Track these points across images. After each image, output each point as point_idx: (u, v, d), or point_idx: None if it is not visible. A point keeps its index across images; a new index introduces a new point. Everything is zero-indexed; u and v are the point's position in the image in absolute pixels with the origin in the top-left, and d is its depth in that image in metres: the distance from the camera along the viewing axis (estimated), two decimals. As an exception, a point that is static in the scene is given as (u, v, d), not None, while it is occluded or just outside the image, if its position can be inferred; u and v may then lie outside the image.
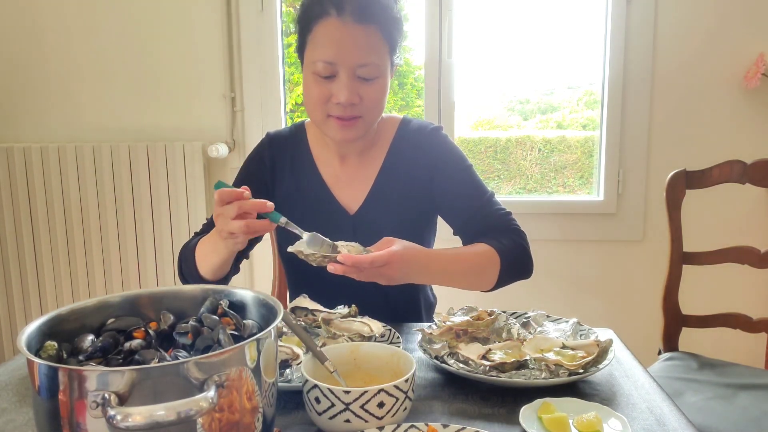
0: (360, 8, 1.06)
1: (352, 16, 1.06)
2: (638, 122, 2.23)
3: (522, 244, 1.17)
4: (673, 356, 1.59)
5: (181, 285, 0.79)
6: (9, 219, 2.39)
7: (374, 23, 1.07)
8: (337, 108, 1.10)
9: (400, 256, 0.98)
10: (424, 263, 1.05)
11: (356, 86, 1.09)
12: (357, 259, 0.92)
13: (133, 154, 2.29)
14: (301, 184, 1.25)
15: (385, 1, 1.10)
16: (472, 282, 1.13)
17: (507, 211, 1.21)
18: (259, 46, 2.31)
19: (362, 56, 1.07)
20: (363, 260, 0.93)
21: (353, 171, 1.24)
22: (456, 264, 1.10)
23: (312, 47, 1.10)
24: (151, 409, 0.52)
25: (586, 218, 2.30)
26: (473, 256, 1.12)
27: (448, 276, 1.10)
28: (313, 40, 1.10)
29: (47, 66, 2.39)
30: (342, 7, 1.06)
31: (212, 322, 0.71)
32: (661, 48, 2.19)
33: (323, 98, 1.10)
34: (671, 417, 0.81)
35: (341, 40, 1.07)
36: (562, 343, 0.96)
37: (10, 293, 2.45)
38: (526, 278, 1.19)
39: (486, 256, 1.12)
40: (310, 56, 1.10)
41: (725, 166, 1.57)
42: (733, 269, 1.64)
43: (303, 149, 1.27)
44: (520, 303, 2.24)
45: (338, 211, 1.23)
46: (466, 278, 1.12)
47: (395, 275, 0.99)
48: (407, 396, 0.76)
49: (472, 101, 2.49)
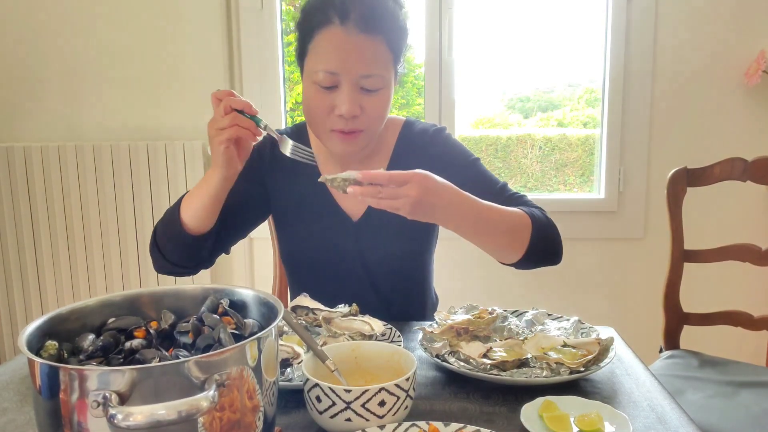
0: (365, 17, 1.02)
1: (357, 26, 1.02)
2: (639, 120, 2.23)
3: (551, 220, 1.10)
4: (674, 354, 1.59)
5: (182, 284, 0.79)
6: (9, 218, 2.39)
7: (380, 33, 1.04)
8: (339, 121, 1.06)
9: (423, 176, 0.89)
10: (454, 197, 0.94)
11: (359, 98, 1.05)
12: (374, 174, 0.87)
13: (133, 153, 2.28)
14: (303, 189, 1.22)
15: (391, 9, 1.06)
16: (504, 239, 1.02)
17: (522, 194, 1.15)
18: (259, 45, 2.31)
19: (366, 67, 1.04)
20: (381, 175, 0.87)
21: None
22: (490, 212, 0.99)
23: (313, 56, 1.06)
24: (152, 409, 0.52)
25: (587, 216, 2.30)
26: (506, 211, 1.03)
27: (481, 224, 0.99)
28: (315, 49, 1.05)
29: (47, 66, 2.39)
30: (346, 16, 1.02)
31: (213, 321, 0.71)
32: (662, 45, 2.19)
33: (325, 110, 1.06)
34: (672, 415, 0.81)
35: (344, 50, 1.02)
36: (564, 341, 0.96)
37: (10, 293, 2.45)
38: (555, 261, 1.11)
39: (518, 215, 1.04)
40: (311, 65, 1.06)
41: (726, 163, 1.57)
42: (734, 267, 1.64)
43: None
44: (521, 301, 2.24)
45: (341, 218, 1.21)
46: (499, 231, 1.01)
47: (420, 198, 0.88)
48: (408, 395, 0.76)
49: (473, 99, 2.49)
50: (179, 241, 1.07)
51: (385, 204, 0.89)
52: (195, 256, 1.11)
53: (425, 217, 0.92)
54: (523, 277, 2.33)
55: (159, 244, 1.11)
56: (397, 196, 0.88)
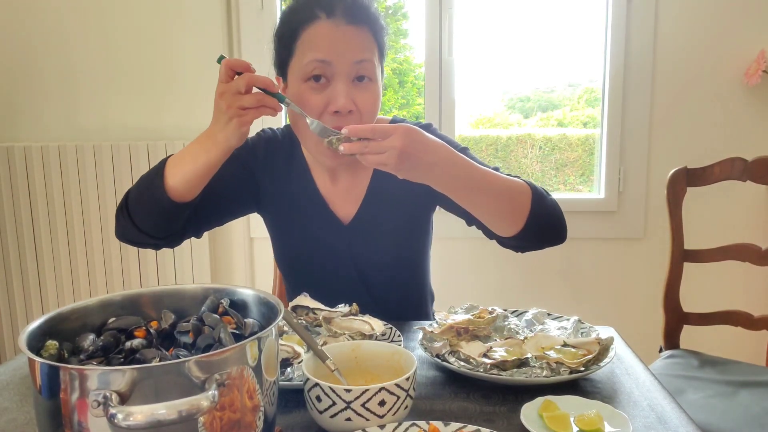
0: (350, 10, 1.03)
1: (344, 18, 1.03)
2: (639, 120, 2.23)
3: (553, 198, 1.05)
4: (674, 354, 1.59)
5: (183, 284, 0.79)
6: (10, 218, 2.39)
7: (366, 24, 1.05)
8: (333, 120, 1.03)
9: (408, 128, 0.87)
10: (445, 154, 0.91)
11: (352, 92, 1.04)
12: (359, 128, 0.87)
13: (133, 153, 2.28)
14: (294, 190, 1.22)
15: (373, 6, 1.08)
16: (501, 204, 0.98)
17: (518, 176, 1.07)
18: (259, 46, 2.31)
19: (358, 53, 1.03)
20: (364, 128, 0.87)
21: (346, 181, 1.21)
22: (486, 174, 0.96)
23: (301, 53, 1.04)
24: (152, 408, 0.52)
25: (587, 216, 2.30)
26: (503, 176, 0.99)
27: (474, 184, 0.94)
28: (303, 45, 1.04)
29: (47, 66, 2.39)
30: (332, 10, 1.03)
31: (213, 320, 0.71)
32: (662, 45, 2.19)
33: (318, 110, 1.03)
34: (672, 415, 0.81)
35: (335, 39, 1.03)
36: (564, 341, 0.96)
37: (11, 292, 2.45)
38: (560, 237, 1.06)
39: (516, 182, 1.00)
40: (300, 61, 1.04)
41: (726, 163, 1.57)
42: (734, 267, 1.64)
43: (296, 154, 1.23)
44: (521, 301, 2.24)
45: (332, 221, 1.21)
46: (495, 194, 0.97)
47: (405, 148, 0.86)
48: (408, 394, 0.76)
49: (473, 99, 2.49)
50: (157, 206, 1.02)
51: (373, 159, 0.87)
52: (167, 226, 1.06)
53: (414, 172, 0.90)
54: (523, 277, 2.33)
55: (130, 208, 1.06)
56: (383, 149, 0.86)
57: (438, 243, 1.31)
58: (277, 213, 1.24)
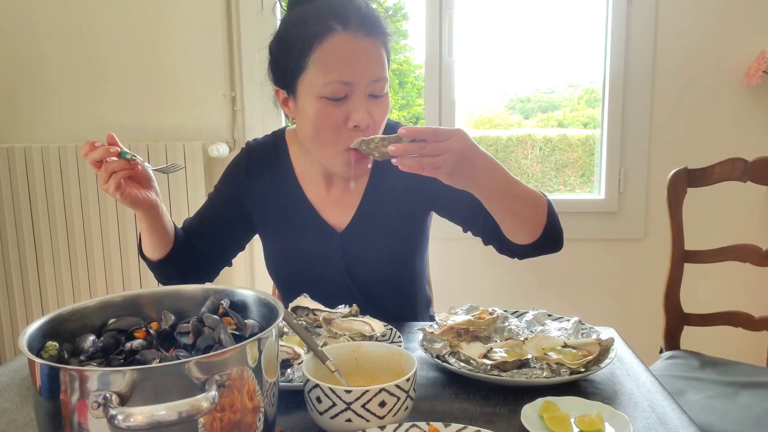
0: (364, 20, 1.00)
1: (361, 29, 0.99)
2: (639, 120, 2.23)
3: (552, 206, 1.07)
4: (674, 355, 1.59)
5: (182, 285, 0.79)
6: (10, 219, 2.39)
7: (379, 35, 1.03)
8: (353, 135, 1.00)
9: (464, 132, 0.87)
10: (490, 159, 0.92)
11: (369, 106, 1.02)
12: (419, 129, 0.84)
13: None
14: (284, 201, 1.21)
15: (382, 14, 1.06)
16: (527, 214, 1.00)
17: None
18: (259, 46, 2.31)
19: (376, 71, 1.02)
20: (425, 130, 0.84)
21: (339, 190, 1.20)
22: (518, 183, 0.98)
23: (318, 69, 1.00)
24: (152, 409, 0.52)
25: (588, 217, 2.30)
26: (528, 187, 1.01)
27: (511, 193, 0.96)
28: (320, 61, 1.00)
29: (47, 66, 2.39)
30: (346, 21, 0.99)
31: (213, 321, 0.71)
32: (662, 45, 2.19)
33: (337, 126, 1.01)
34: (673, 415, 0.81)
35: (355, 57, 1.00)
36: (564, 341, 0.96)
37: (11, 293, 2.45)
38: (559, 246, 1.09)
39: (537, 192, 1.03)
40: (317, 79, 1.00)
41: (726, 164, 1.57)
42: (734, 267, 1.64)
43: (284, 164, 1.21)
44: (522, 302, 2.24)
45: (325, 229, 1.20)
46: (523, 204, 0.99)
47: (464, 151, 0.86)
48: (408, 395, 0.76)
49: (473, 100, 2.49)
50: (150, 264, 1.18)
51: (427, 162, 0.85)
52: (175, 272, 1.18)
53: (463, 176, 0.89)
54: (523, 278, 2.33)
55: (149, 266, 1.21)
56: (442, 151, 0.85)
57: (438, 244, 1.31)
58: (267, 224, 1.24)
